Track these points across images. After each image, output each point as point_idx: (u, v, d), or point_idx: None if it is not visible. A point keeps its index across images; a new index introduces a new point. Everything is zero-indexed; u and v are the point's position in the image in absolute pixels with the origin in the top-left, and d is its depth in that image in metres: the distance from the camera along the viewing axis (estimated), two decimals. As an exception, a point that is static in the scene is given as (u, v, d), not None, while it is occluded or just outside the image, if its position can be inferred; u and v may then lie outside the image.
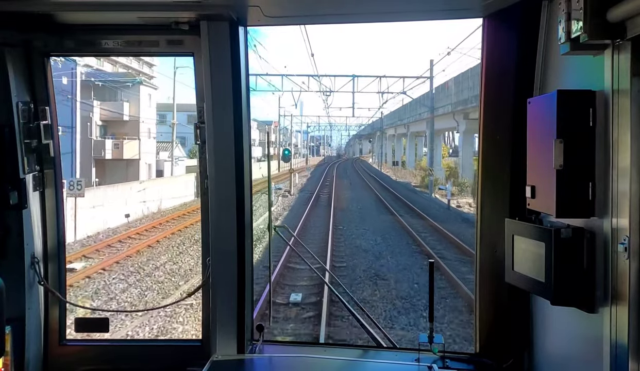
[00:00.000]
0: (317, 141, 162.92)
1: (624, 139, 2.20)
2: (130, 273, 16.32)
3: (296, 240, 9.92)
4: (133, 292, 14.55)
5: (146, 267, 17.12)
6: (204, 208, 3.50)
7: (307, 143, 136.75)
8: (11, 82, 3.27)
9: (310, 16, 3.72)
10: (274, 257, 14.65)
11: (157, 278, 15.88)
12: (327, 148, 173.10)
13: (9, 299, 2.25)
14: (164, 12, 3.23)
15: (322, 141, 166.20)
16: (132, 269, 16.73)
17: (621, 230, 2.23)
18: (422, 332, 3.41)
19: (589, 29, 2.18)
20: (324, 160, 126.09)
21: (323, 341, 9.94)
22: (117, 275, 15.94)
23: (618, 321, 2.25)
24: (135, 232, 23.19)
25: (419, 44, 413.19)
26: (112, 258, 17.86)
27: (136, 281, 15.48)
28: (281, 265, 15.51)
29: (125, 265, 17.14)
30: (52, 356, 3.60)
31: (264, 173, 31.76)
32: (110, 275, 15.92)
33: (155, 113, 51.03)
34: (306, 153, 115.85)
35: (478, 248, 3.33)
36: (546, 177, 2.45)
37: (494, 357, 3.31)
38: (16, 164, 3.31)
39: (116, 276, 15.86)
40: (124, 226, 25.75)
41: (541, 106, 2.58)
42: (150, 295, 14.26)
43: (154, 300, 13.81)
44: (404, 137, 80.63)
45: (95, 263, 17.25)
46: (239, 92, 3.36)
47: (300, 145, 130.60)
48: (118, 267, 16.92)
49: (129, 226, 25.64)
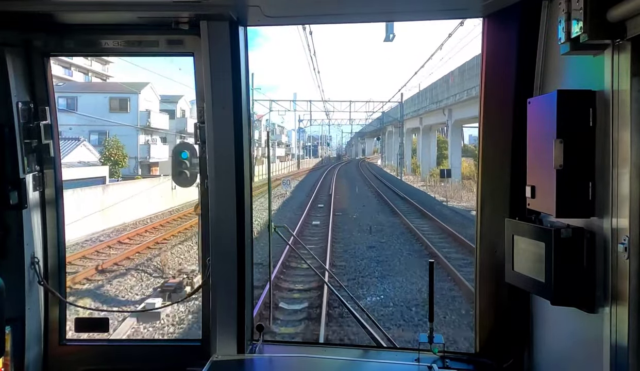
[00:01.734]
0: (314, 141, 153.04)
1: (624, 139, 2.20)
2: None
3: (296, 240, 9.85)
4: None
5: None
6: (204, 208, 3.50)
7: (304, 143, 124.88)
8: (11, 82, 3.27)
9: (310, 16, 3.72)
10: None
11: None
12: (326, 148, 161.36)
13: (9, 299, 2.25)
14: (163, 12, 3.23)
15: (320, 140, 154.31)
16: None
17: (621, 230, 2.23)
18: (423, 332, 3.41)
19: (589, 29, 2.18)
20: (321, 162, 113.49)
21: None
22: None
23: (618, 321, 2.25)
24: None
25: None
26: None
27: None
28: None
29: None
30: (52, 356, 3.60)
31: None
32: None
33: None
34: (298, 154, 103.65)
35: (478, 248, 3.33)
36: (546, 177, 2.45)
37: (494, 357, 3.31)
38: (16, 164, 3.31)
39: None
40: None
41: (541, 106, 2.58)
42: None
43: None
44: (438, 130, 60.22)
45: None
46: (239, 92, 3.36)
47: (294, 145, 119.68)
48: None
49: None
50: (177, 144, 31.81)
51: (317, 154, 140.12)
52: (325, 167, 77.96)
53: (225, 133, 3.34)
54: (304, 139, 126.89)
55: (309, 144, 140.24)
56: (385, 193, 37.70)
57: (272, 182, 28.19)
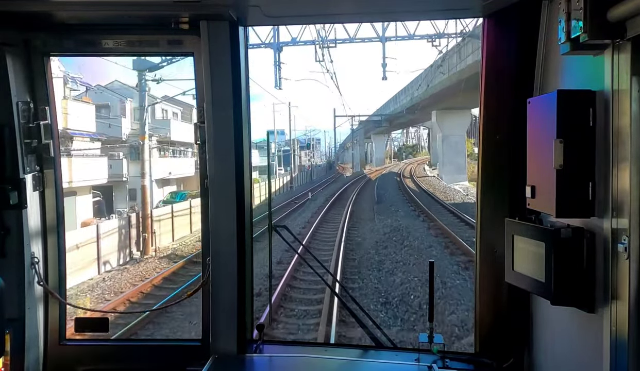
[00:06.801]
0: (297, 144, 74.99)
1: (624, 139, 2.20)
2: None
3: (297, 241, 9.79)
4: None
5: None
6: (204, 208, 3.50)
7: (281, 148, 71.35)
8: (11, 81, 3.27)
9: (310, 16, 3.72)
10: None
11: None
12: (313, 154, 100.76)
13: (9, 299, 2.25)
14: (163, 12, 3.23)
15: (309, 143, 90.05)
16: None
17: (621, 230, 2.23)
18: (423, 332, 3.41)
19: (589, 29, 2.18)
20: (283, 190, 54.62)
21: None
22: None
23: (618, 321, 2.25)
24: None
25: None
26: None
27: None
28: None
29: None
30: (52, 356, 3.60)
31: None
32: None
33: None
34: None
35: (478, 248, 3.33)
36: (546, 177, 2.45)
37: (494, 357, 3.31)
38: (16, 164, 3.31)
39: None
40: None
41: (541, 106, 2.58)
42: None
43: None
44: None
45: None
46: (239, 92, 3.36)
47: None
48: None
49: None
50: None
51: (288, 164, 71.74)
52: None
53: (225, 133, 3.34)
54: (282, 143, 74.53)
55: (287, 149, 71.74)
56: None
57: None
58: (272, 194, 48.48)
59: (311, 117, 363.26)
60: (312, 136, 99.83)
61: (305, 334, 11.28)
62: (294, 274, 15.72)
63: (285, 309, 13.23)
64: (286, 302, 13.70)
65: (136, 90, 28.24)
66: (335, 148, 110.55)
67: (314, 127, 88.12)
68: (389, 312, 12.43)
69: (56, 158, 3.60)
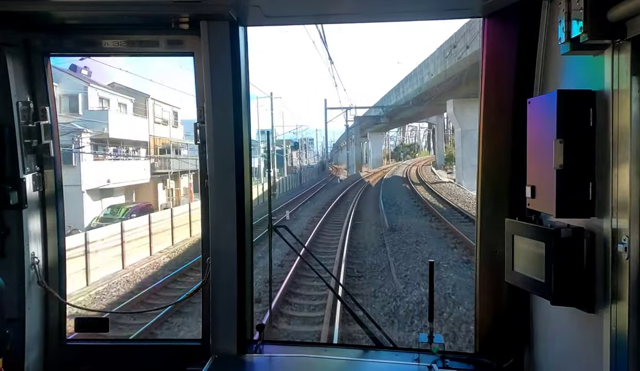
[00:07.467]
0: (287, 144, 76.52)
1: (624, 139, 2.20)
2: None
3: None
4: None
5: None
6: (204, 208, 3.50)
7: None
8: (11, 81, 3.27)
9: (310, 16, 3.72)
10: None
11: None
12: (304, 153, 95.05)
13: (9, 299, 2.25)
14: (163, 12, 3.23)
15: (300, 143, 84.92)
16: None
17: (621, 230, 2.23)
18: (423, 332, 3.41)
19: (589, 29, 2.18)
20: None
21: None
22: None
23: (618, 321, 2.25)
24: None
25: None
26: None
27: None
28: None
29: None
30: (52, 356, 3.60)
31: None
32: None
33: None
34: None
35: (478, 248, 3.33)
36: (546, 177, 2.45)
37: (494, 357, 3.31)
38: (16, 164, 3.31)
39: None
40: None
41: (541, 106, 2.58)
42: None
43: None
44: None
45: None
46: (239, 92, 3.36)
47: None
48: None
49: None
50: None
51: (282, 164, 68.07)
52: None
53: (225, 133, 3.34)
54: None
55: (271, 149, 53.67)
56: None
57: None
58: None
59: (304, 115, 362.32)
60: (304, 136, 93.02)
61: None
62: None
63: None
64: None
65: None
66: (326, 146, 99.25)
67: (307, 126, 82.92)
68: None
69: (56, 158, 3.60)
